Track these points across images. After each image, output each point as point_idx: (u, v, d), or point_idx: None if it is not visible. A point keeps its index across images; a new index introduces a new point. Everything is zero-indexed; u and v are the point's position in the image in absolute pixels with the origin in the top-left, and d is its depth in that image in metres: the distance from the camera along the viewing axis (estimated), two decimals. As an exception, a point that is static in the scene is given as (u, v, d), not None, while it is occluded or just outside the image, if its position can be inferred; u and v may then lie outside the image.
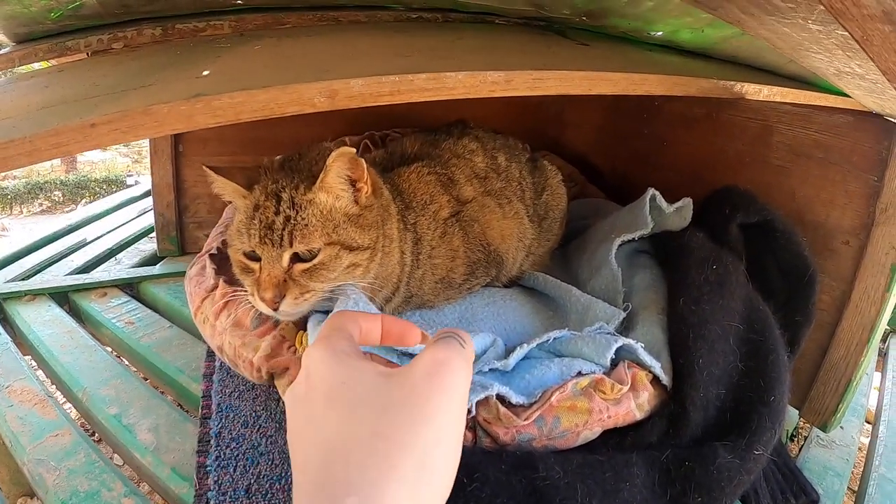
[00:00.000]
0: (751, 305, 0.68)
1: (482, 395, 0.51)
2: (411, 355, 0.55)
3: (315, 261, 0.55)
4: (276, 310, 0.54)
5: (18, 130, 0.51)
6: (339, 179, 0.57)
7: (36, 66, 0.97)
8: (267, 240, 0.55)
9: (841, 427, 0.83)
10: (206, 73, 0.63)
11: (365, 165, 0.56)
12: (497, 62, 0.63)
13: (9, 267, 1.15)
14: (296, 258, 0.55)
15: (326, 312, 0.62)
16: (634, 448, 0.57)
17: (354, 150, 0.55)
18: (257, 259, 0.56)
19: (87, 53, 0.87)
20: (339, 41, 0.71)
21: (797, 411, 0.81)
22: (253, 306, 0.57)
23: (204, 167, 0.61)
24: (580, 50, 0.78)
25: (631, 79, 0.69)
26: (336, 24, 0.80)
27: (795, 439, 0.85)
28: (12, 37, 0.91)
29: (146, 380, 0.85)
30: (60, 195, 6.05)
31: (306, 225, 0.55)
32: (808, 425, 0.82)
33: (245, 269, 0.58)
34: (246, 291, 0.59)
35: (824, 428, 0.79)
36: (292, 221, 0.54)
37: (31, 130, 0.49)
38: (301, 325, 0.61)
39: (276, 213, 0.55)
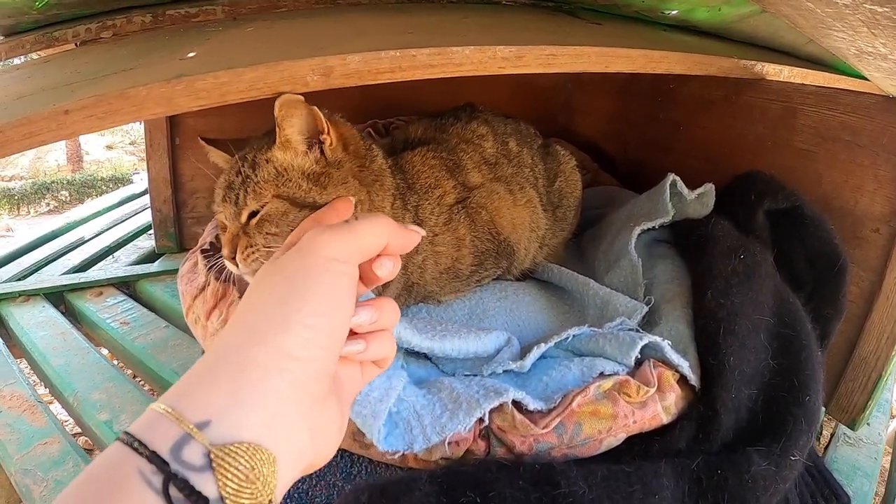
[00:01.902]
0: (780, 298, 0.64)
1: (496, 403, 0.46)
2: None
3: (261, 213, 0.52)
4: (237, 266, 0.52)
5: None
6: (297, 135, 0.53)
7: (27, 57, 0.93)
8: (227, 199, 0.54)
9: (867, 424, 0.79)
10: (191, 55, 0.59)
11: (322, 115, 0.51)
12: (507, 39, 0.59)
13: (5, 267, 1.12)
14: (253, 216, 0.53)
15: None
16: (662, 455, 0.53)
17: (302, 97, 0.50)
18: None
19: (76, 43, 0.83)
20: (337, 21, 0.67)
21: (823, 408, 0.77)
22: None
23: (199, 138, 0.59)
24: (593, 28, 0.73)
25: (650, 56, 0.65)
26: (334, 7, 0.76)
27: (820, 437, 0.81)
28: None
29: (141, 382, 0.81)
30: (67, 195, 6.03)
31: (258, 182, 0.52)
32: (833, 422, 0.78)
33: (222, 230, 0.57)
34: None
35: (852, 426, 0.75)
36: (248, 180, 0.52)
37: (1, 121, 0.45)
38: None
39: (238, 174, 0.53)
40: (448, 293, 0.64)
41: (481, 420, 0.46)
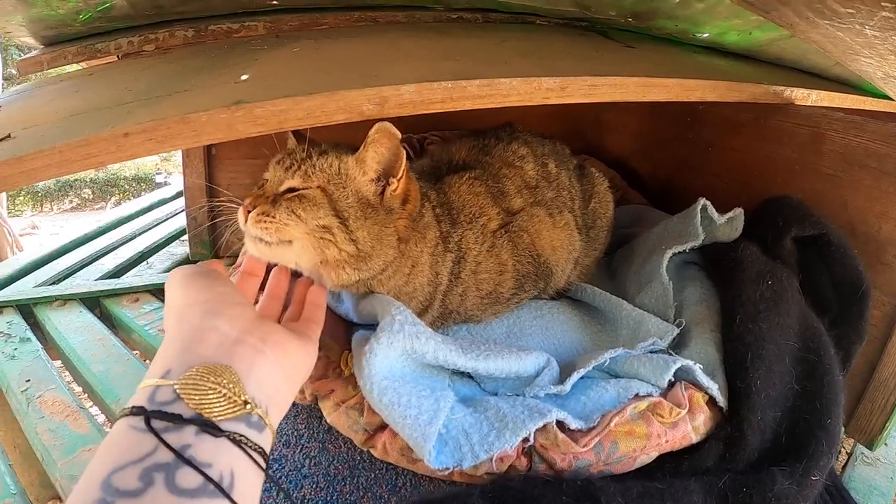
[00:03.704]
0: (805, 323, 0.66)
1: (541, 423, 0.49)
2: None
3: (299, 191, 0.54)
4: (245, 221, 0.54)
5: (47, 140, 0.49)
6: (374, 162, 0.56)
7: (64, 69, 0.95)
8: (282, 162, 0.56)
9: (885, 444, 0.81)
10: (244, 77, 0.61)
11: (405, 164, 0.54)
12: (549, 67, 0.61)
13: (39, 270, 1.13)
14: (291, 192, 0.55)
15: (372, 327, 0.60)
16: (691, 473, 0.56)
17: (400, 134, 0.53)
18: None
19: (118, 56, 0.85)
20: (381, 43, 0.69)
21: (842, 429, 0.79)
22: None
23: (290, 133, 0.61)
24: (627, 53, 0.75)
25: (684, 85, 0.67)
26: (374, 25, 0.77)
27: (838, 456, 0.83)
28: (40, 39, 0.89)
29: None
30: (90, 193, 6.11)
31: (314, 165, 0.55)
32: (851, 441, 0.80)
33: (258, 188, 0.59)
34: None
35: (870, 446, 0.77)
36: (308, 160, 0.55)
37: (60, 140, 0.46)
38: (346, 344, 0.60)
39: (304, 150, 0.56)
40: (488, 316, 0.67)
41: (526, 439, 0.49)
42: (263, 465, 0.36)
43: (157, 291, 1.09)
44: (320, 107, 0.51)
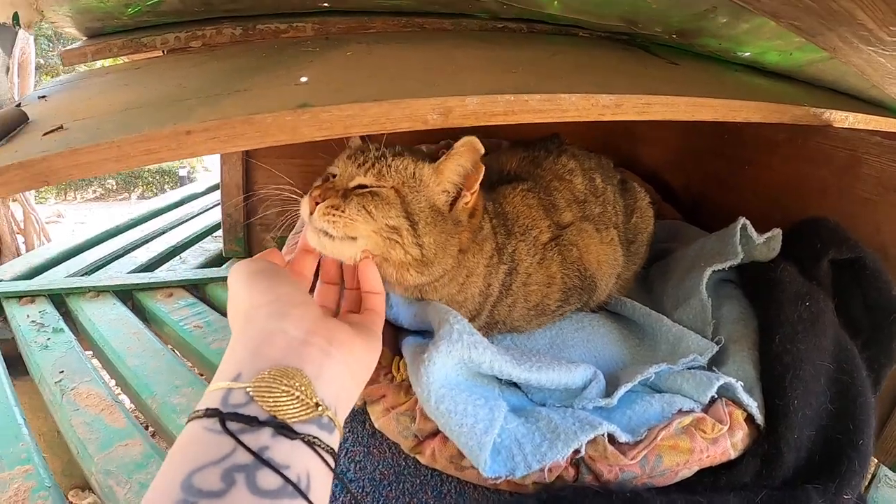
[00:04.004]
0: (840, 344, 0.67)
1: (592, 435, 0.50)
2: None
3: (373, 189, 0.54)
4: (311, 213, 0.53)
5: (102, 133, 0.49)
6: (453, 173, 0.56)
7: (98, 63, 0.95)
8: (354, 158, 0.56)
9: (908, 466, 0.82)
10: (303, 79, 0.62)
11: (481, 177, 0.55)
12: (602, 83, 0.62)
13: (70, 260, 1.13)
14: (361, 188, 0.55)
15: (421, 334, 0.61)
16: (729, 488, 0.57)
17: (484, 151, 0.54)
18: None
19: (163, 51, 0.85)
20: (435, 51, 0.70)
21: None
22: None
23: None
24: (672, 70, 0.76)
25: (730, 105, 0.68)
26: (421, 31, 0.78)
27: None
28: (84, 31, 0.89)
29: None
30: (114, 184, 6.14)
31: (389, 166, 0.55)
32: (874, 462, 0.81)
33: (323, 181, 0.58)
34: None
35: (895, 468, 0.78)
36: (383, 159, 0.55)
37: (116, 134, 0.46)
38: (395, 349, 0.61)
39: (378, 149, 0.56)
40: (532, 326, 0.68)
41: (577, 450, 0.50)
42: (334, 467, 0.36)
43: (192, 287, 1.09)
44: (386, 114, 0.52)
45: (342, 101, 0.51)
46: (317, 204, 0.53)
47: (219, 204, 1.22)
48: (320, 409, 0.37)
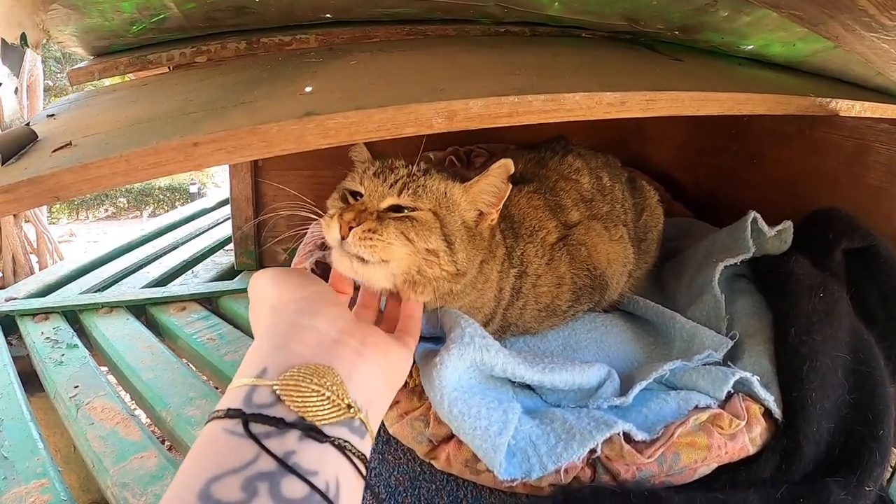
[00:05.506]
0: (856, 335, 0.66)
1: (608, 434, 0.50)
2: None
3: (411, 212, 0.53)
4: (343, 238, 0.50)
5: (112, 148, 0.49)
6: (486, 194, 0.56)
7: (106, 81, 0.96)
8: (381, 175, 0.54)
9: (927, 455, 0.81)
10: (308, 89, 0.62)
11: (507, 195, 0.56)
12: (607, 82, 0.62)
13: (83, 277, 1.14)
14: (394, 210, 0.54)
15: (434, 340, 0.61)
16: (748, 484, 0.56)
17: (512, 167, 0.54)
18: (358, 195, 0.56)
19: (169, 67, 0.86)
20: (439, 57, 0.70)
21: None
22: None
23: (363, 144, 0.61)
24: (676, 66, 0.76)
25: (737, 98, 0.68)
26: (424, 38, 0.79)
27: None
28: (90, 50, 0.90)
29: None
30: (125, 202, 6.22)
31: (423, 186, 0.54)
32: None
33: (341, 199, 0.57)
34: None
35: (915, 459, 0.77)
36: (415, 179, 0.54)
37: (125, 148, 0.46)
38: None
39: (406, 167, 0.56)
40: (545, 328, 0.68)
41: (593, 450, 0.50)
42: (365, 473, 0.34)
43: (204, 300, 1.09)
44: (391, 119, 0.52)
45: (347, 109, 0.52)
46: (350, 228, 0.50)
47: (229, 218, 1.23)
48: (352, 410, 0.35)
